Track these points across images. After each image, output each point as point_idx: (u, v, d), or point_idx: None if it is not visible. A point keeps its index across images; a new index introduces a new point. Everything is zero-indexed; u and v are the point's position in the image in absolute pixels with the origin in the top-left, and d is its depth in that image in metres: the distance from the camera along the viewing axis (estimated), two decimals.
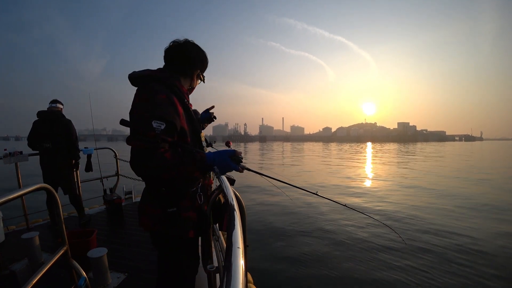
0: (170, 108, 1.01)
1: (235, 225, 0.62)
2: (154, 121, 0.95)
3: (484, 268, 3.44)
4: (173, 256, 1.14)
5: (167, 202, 1.08)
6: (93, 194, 4.72)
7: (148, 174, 0.98)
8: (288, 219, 5.65)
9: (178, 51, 1.17)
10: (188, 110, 1.14)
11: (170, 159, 0.94)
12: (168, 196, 1.08)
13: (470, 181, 10.69)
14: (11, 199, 1.03)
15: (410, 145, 72.62)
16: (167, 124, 0.98)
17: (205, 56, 1.24)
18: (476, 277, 3.24)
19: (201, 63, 1.22)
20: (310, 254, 3.95)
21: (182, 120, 1.07)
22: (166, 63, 1.19)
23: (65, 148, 3.27)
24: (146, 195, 1.14)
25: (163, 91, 1.03)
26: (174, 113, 1.02)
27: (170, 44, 1.18)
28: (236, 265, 0.46)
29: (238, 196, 1.01)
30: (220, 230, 1.99)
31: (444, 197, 7.73)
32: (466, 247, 4.08)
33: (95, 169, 3.89)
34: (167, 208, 1.07)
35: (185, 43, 1.18)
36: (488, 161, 20.87)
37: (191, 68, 1.20)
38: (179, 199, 1.09)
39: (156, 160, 0.92)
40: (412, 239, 4.40)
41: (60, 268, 1.65)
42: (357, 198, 7.59)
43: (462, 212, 6.07)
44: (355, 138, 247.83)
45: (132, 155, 0.95)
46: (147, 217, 1.11)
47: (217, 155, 1.04)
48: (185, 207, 1.10)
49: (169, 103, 1.02)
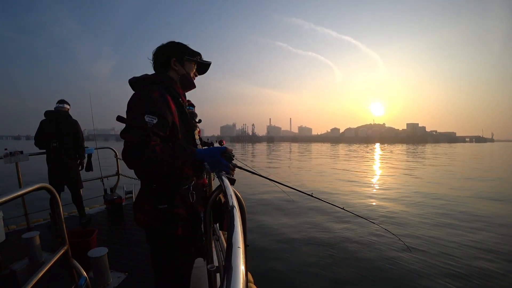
0: (163, 104, 1.06)
1: (235, 225, 0.62)
2: (146, 115, 1.00)
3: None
4: (163, 253, 1.16)
5: (159, 199, 1.12)
6: (93, 193, 4.78)
7: (139, 166, 1.03)
8: (288, 219, 5.69)
9: (155, 53, 1.25)
10: (182, 108, 1.18)
11: (160, 153, 0.98)
12: (159, 192, 1.12)
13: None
14: (12, 198, 1.05)
15: (420, 146, 71.81)
16: (159, 118, 1.03)
17: (176, 43, 1.26)
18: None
19: (173, 50, 1.24)
20: (310, 254, 3.99)
21: (175, 116, 1.11)
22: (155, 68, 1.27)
23: (72, 148, 3.38)
24: (140, 192, 1.20)
25: (156, 89, 1.09)
26: (166, 109, 1.07)
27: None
28: (237, 265, 0.46)
29: (238, 196, 1.01)
30: (220, 230, 2.00)
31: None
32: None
33: (96, 168, 3.95)
34: (158, 204, 1.11)
35: (157, 48, 1.25)
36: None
37: (166, 59, 1.22)
38: (170, 196, 1.13)
39: (147, 153, 0.96)
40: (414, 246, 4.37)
41: (61, 268, 1.68)
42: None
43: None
44: (363, 139, 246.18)
45: (125, 148, 0.99)
46: (141, 213, 1.15)
47: (207, 151, 1.08)
48: (176, 204, 1.13)
49: (161, 99, 1.07)
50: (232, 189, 0.93)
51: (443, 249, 4.09)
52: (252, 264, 3.48)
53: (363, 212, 6.28)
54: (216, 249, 2.00)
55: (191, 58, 1.27)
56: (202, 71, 1.37)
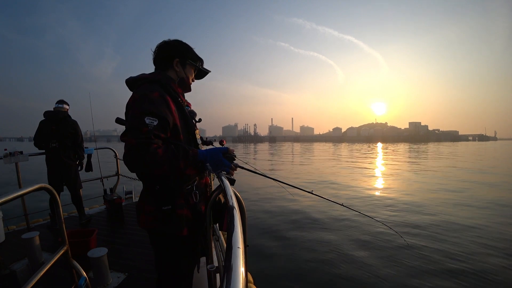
0: (163, 105, 1.05)
1: (235, 225, 0.63)
2: (147, 117, 0.99)
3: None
4: (168, 254, 1.16)
5: (162, 200, 1.11)
6: (93, 194, 4.79)
7: (141, 169, 1.02)
8: (288, 219, 5.70)
9: (156, 52, 1.23)
10: (182, 108, 1.17)
11: (162, 155, 0.97)
12: (163, 194, 1.12)
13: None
14: (11, 199, 1.05)
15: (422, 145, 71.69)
16: (160, 120, 1.02)
17: (179, 43, 1.26)
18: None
19: (176, 50, 1.23)
20: (310, 254, 4.00)
21: (175, 117, 1.10)
22: (155, 68, 1.26)
23: (72, 148, 3.39)
24: (143, 194, 1.19)
25: (155, 89, 1.08)
26: (167, 110, 1.06)
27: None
28: (236, 265, 0.47)
29: (238, 196, 1.02)
30: (220, 230, 2.01)
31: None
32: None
33: (95, 169, 3.96)
34: (162, 206, 1.11)
35: (161, 42, 1.24)
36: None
37: (168, 59, 1.22)
38: (173, 197, 1.12)
39: (149, 155, 0.95)
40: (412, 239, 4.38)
41: (61, 268, 1.69)
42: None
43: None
44: (365, 138, 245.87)
45: (126, 151, 0.98)
46: (144, 215, 1.14)
47: (209, 152, 1.08)
48: (179, 205, 1.13)
49: (161, 100, 1.06)
50: (232, 189, 0.93)
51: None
52: (252, 264, 3.49)
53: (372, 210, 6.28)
54: (216, 249, 2.01)
55: (193, 63, 1.27)
56: (199, 77, 1.38)
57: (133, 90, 1.15)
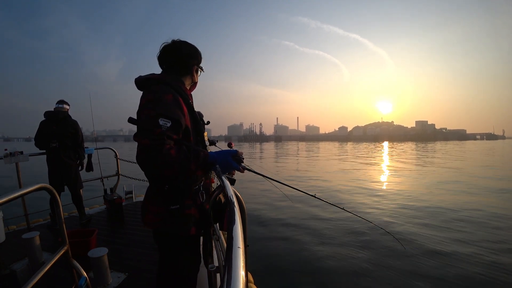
0: (176, 107, 1.08)
1: (235, 225, 0.63)
2: (160, 119, 1.02)
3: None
4: (175, 254, 1.19)
5: (170, 200, 1.13)
6: (93, 194, 4.83)
7: (153, 170, 1.04)
8: (289, 219, 5.72)
9: (171, 55, 1.23)
10: (192, 110, 1.20)
11: (175, 156, 0.99)
12: (171, 193, 1.14)
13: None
14: (12, 199, 1.07)
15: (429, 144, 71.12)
16: (173, 122, 1.04)
17: (195, 49, 1.29)
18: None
19: (195, 58, 1.28)
20: (310, 254, 4.02)
21: (187, 120, 1.13)
22: (164, 69, 1.26)
23: (72, 148, 3.42)
24: (149, 194, 1.21)
25: (169, 91, 1.10)
26: (180, 112, 1.08)
27: (160, 51, 1.24)
28: (237, 265, 0.47)
29: (238, 196, 1.03)
30: (220, 229, 2.02)
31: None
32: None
33: (96, 169, 4.00)
34: (170, 205, 1.13)
35: (174, 45, 1.24)
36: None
37: (188, 66, 1.26)
38: (182, 197, 1.15)
39: (161, 156, 0.97)
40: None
41: (61, 268, 1.71)
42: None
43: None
44: (372, 137, 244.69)
45: (139, 151, 1.01)
46: (151, 215, 1.16)
47: (219, 154, 1.11)
48: (187, 204, 1.16)
49: (175, 102, 1.08)
50: (232, 189, 0.94)
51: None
52: (252, 264, 3.51)
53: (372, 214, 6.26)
54: (216, 249, 2.02)
55: (201, 70, 1.34)
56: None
57: (141, 89, 1.17)
